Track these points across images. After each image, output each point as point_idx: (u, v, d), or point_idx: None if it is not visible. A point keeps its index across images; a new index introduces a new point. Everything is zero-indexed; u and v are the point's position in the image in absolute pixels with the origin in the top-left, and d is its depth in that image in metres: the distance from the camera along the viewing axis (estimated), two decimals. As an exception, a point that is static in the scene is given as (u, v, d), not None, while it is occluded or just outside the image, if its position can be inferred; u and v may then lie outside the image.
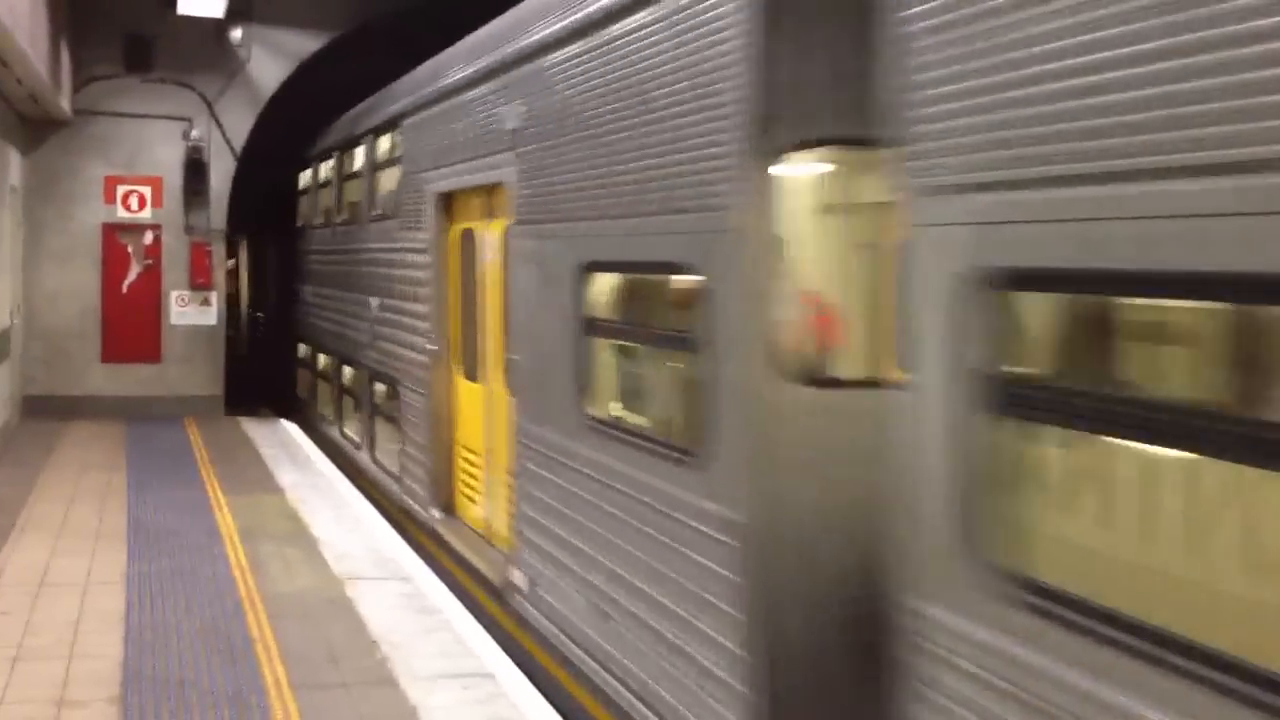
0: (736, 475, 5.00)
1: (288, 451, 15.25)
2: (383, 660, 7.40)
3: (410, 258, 11.02)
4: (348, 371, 14.40)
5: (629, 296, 6.74)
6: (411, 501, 10.79)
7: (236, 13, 17.60)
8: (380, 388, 12.39)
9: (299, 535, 10.63)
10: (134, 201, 18.07)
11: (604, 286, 6.77)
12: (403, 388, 11.19)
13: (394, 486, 11.47)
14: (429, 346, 10.33)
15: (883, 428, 4.04)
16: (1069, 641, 3.12)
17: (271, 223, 21.98)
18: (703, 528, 5.22)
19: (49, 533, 10.44)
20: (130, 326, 18.06)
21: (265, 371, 21.61)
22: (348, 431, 14.34)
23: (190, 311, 18.32)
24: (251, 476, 13.39)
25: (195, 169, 18.15)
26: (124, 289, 18.10)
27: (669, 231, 5.66)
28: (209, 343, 18.47)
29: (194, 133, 18.12)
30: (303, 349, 18.08)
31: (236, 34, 18.11)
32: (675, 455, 5.56)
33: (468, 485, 9.70)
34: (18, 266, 16.84)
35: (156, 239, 18.20)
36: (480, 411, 9.34)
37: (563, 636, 6.95)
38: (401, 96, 12.05)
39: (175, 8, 16.78)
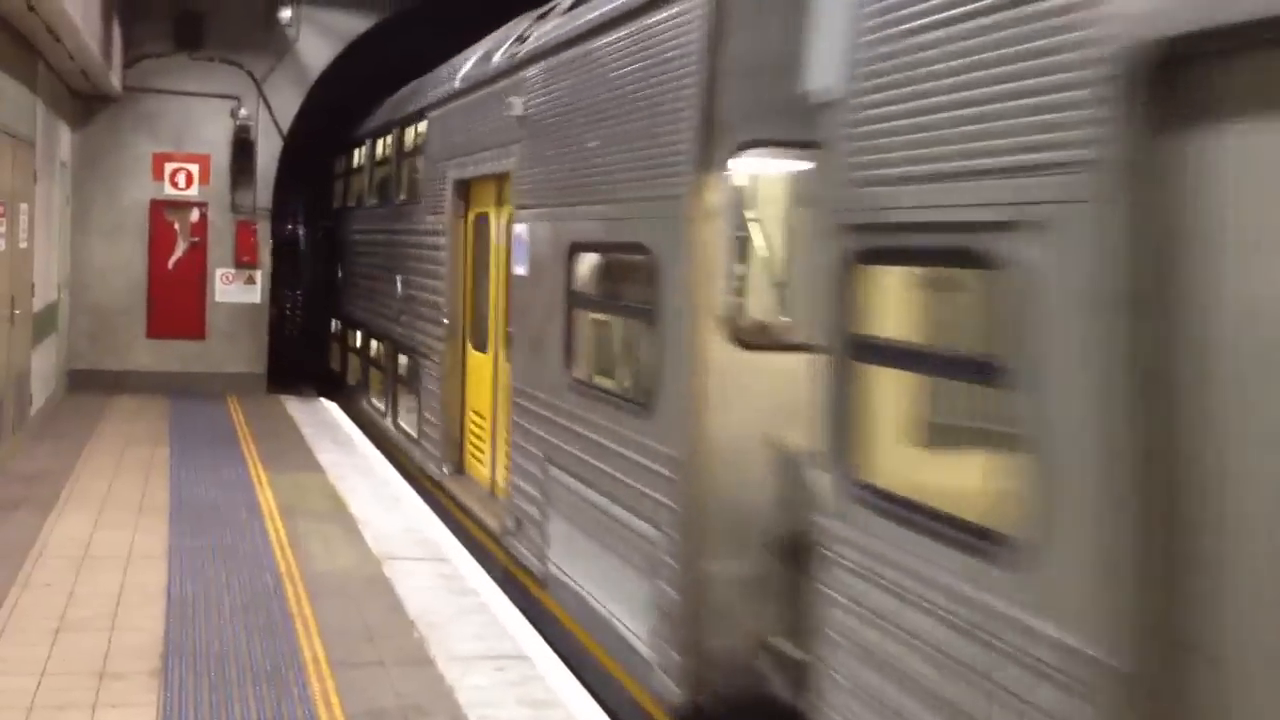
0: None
1: (328, 430, 15.32)
2: (420, 640, 7.42)
3: None
4: None
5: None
6: None
7: (286, -8, 17.70)
8: None
9: (338, 514, 10.67)
10: (181, 179, 18.18)
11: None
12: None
13: None
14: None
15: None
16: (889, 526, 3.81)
17: None
18: None
19: (92, 506, 10.53)
20: (175, 303, 18.19)
21: None
22: None
23: (235, 289, 18.43)
24: (292, 454, 13.46)
25: (242, 148, 18.25)
26: (170, 265, 18.23)
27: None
28: (253, 320, 18.58)
29: (242, 111, 18.21)
30: None
31: (286, 14, 18.17)
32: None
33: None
34: (66, 241, 17.00)
35: (203, 216, 18.31)
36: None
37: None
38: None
39: (225, -14, 16.89)
